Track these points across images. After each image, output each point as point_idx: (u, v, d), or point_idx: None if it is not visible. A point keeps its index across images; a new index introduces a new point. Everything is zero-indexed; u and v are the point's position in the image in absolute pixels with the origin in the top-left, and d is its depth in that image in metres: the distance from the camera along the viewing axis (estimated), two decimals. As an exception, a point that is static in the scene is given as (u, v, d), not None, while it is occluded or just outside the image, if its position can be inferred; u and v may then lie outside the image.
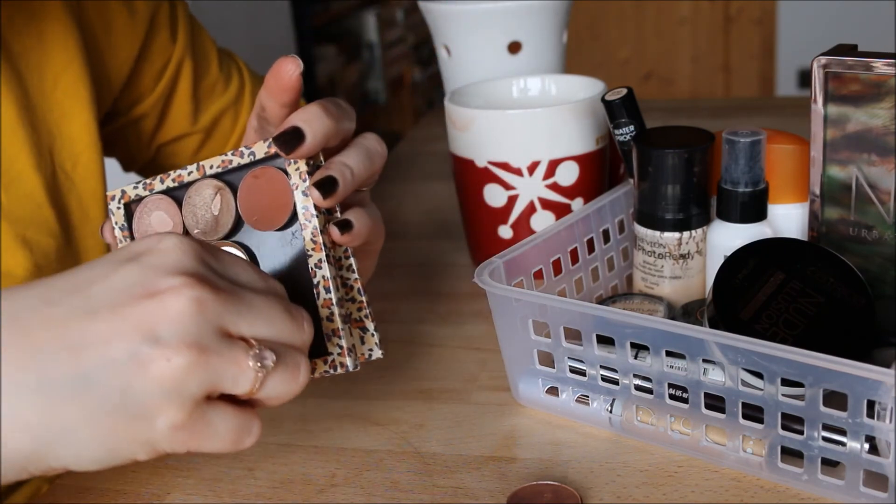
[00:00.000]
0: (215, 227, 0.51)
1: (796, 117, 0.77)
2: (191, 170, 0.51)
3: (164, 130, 0.78)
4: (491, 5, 0.83)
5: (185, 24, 0.77)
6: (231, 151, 0.50)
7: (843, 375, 0.44)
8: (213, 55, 0.80)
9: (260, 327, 0.41)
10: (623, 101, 0.64)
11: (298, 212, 0.49)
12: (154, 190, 0.52)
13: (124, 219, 0.53)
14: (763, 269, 0.54)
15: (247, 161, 0.50)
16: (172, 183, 0.52)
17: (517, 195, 0.73)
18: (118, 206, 0.53)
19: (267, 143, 0.49)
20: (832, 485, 0.48)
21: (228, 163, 0.50)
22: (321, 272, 0.48)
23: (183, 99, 0.77)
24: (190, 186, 0.52)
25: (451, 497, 0.51)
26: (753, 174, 0.58)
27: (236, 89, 0.81)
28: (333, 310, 0.48)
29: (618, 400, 0.55)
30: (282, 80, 0.52)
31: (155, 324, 0.38)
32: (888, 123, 0.54)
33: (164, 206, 0.52)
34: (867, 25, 2.97)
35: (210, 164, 0.51)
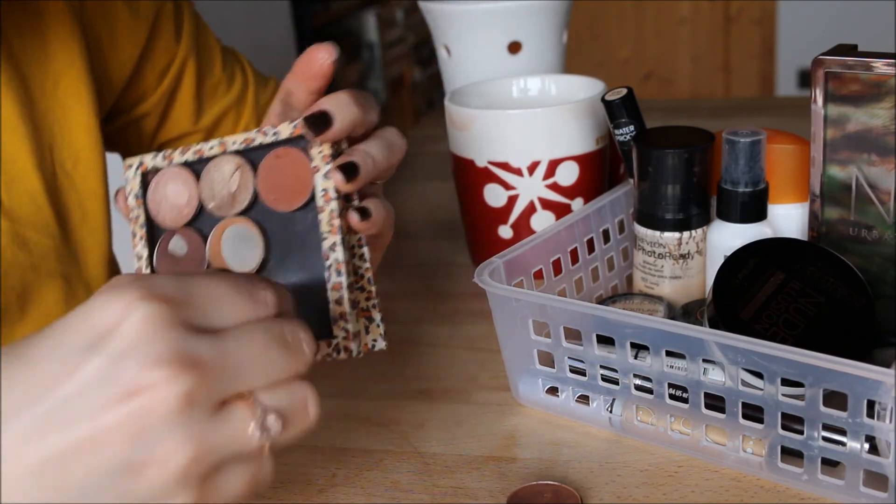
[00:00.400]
0: (231, 202, 0.52)
1: (796, 117, 0.77)
2: (213, 145, 0.52)
3: (165, 129, 0.78)
4: (491, 5, 0.83)
5: (189, 23, 0.77)
6: (255, 130, 0.51)
7: (843, 375, 0.44)
8: (217, 55, 0.80)
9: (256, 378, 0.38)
10: (623, 101, 0.64)
11: (317, 194, 0.49)
12: (173, 161, 0.53)
13: (139, 187, 0.53)
14: (763, 269, 0.54)
15: (270, 140, 0.50)
16: (193, 156, 0.52)
17: (517, 195, 0.73)
18: (134, 175, 0.53)
19: (292, 125, 0.50)
20: (832, 485, 0.48)
21: (251, 141, 0.51)
22: (335, 255, 0.48)
23: (186, 98, 0.77)
24: (210, 161, 0.52)
25: (451, 497, 0.51)
26: (753, 174, 0.58)
27: (239, 90, 0.81)
28: (343, 294, 0.48)
29: (618, 400, 0.55)
30: (313, 67, 0.52)
31: (142, 428, 0.34)
32: (888, 123, 0.54)
33: (181, 178, 0.53)
34: (867, 25, 2.97)
35: (233, 140, 0.51)
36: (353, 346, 0.48)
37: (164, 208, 0.53)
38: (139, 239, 0.53)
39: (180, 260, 0.52)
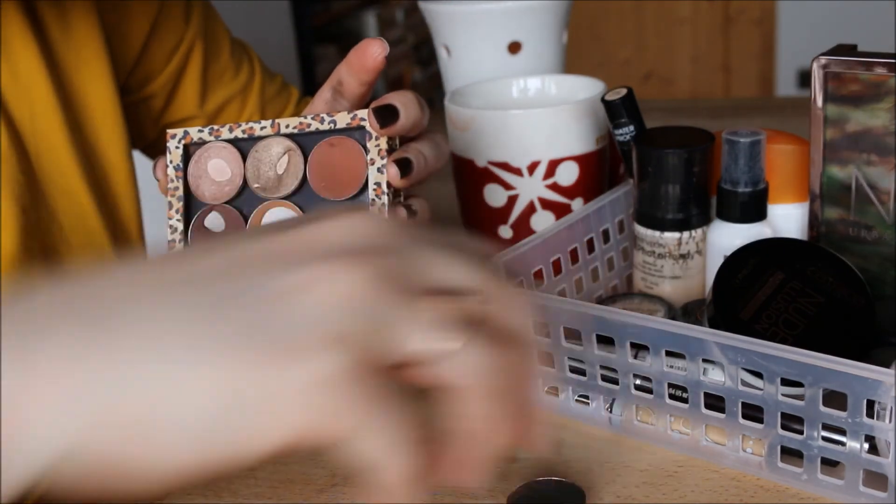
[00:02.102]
0: (277, 185, 0.51)
1: (796, 117, 0.77)
2: (264, 125, 0.52)
3: (170, 111, 0.79)
4: (491, 5, 0.83)
5: (199, 8, 0.78)
6: (311, 115, 0.51)
7: (842, 375, 0.44)
8: (226, 43, 0.81)
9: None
10: (623, 101, 0.64)
11: (369, 186, 0.49)
12: (220, 137, 0.52)
13: (181, 159, 0.53)
14: (763, 269, 0.54)
15: (326, 128, 0.51)
16: (242, 134, 0.52)
17: (517, 195, 0.73)
18: (177, 146, 0.53)
19: (350, 115, 0.50)
20: (832, 484, 0.48)
21: (306, 126, 0.51)
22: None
23: (192, 81, 0.78)
24: (259, 141, 0.52)
25: (451, 497, 0.51)
26: (753, 174, 0.58)
27: (245, 79, 0.82)
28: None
29: (618, 400, 0.55)
30: (366, 60, 0.52)
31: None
32: (888, 123, 0.54)
33: (225, 154, 0.52)
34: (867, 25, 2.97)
35: (286, 123, 0.51)
36: None
37: (204, 183, 0.53)
38: (175, 211, 0.52)
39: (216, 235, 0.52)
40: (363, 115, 0.51)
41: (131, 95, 0.76)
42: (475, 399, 0.32)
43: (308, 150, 0.51)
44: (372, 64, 0.52)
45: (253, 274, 0.31)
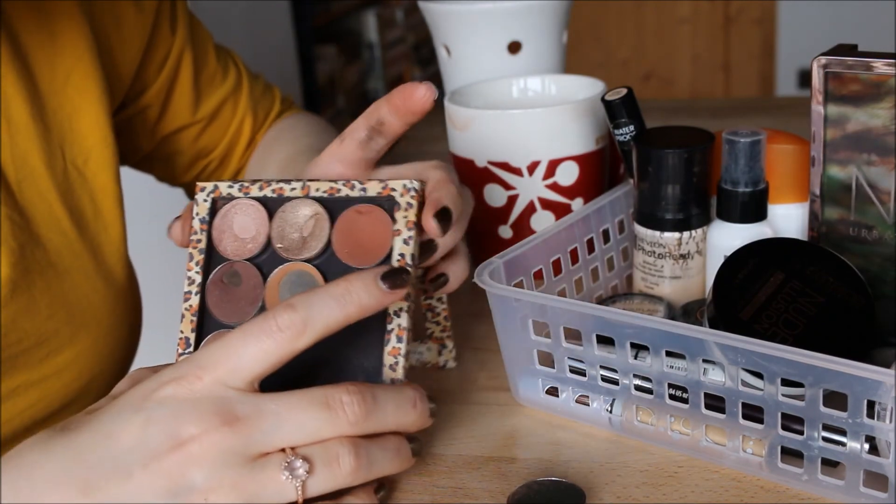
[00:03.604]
0: (301, 246, 0.51)
1: (796, 117, 0.77)
2: (294, 186, 0.52)
3: (166, 121, 0.79)
4: (491, 5, 0.83)
5: (184, 16, 0.78)
6: (342, 182, 0.51)
7: (842, 375, 0.44)
8: (211, 47, 0.81)
9: (293, 435, 0.43)
10: (623, 101, 0.64)
11: (393, 257, 0.49)
12: (249, 194, 0.53)
13: (207, 212, 0.53)
14: (763, 269, 0.54)
15: (356, 195, 0.51)
16: (271, 193, 0.52)
17: (517, 195, 0.73)
18: (205, 199, 0.53)
19: (381, 185, 0.50)
20: (832, 485, 0.48)
21: (336, 191, 0.51)
22: (398, 320, 0.48)
23: (184, 89, 0.78)
24: (287, 201, 0.52)
25: (451, 497, 0.51)
26: (753, 174, 0.58)
27: (234, 80, 0.82)
28: (399, 360, 0.48)
29: (618, 400, 0.55)
30: (414, 104, 0.52)
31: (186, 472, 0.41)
32: (888, 123, 0.54)
33: (251, 212, 0.52)
34: (867, 25, 2.97)
35: (316, 186, 0.52)
36: None
37: (227, 238, 0.53)
38: (195, 263, 0.52)
39: (233, 292, 0.52)
40: (394, 185, 0.51)
41: (127, 109, 0.76)
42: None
43: (336, 215, 0.51)
44: (420, 107, 0.52)
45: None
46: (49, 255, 0.63)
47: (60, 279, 0.64)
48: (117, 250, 0.69)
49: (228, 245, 0.53)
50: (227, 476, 0.41)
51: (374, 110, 0.54)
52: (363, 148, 0.55)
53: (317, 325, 0.43)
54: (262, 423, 0.42)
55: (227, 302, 0.52)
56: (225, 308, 0.52)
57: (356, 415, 0.43)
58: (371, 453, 0.44)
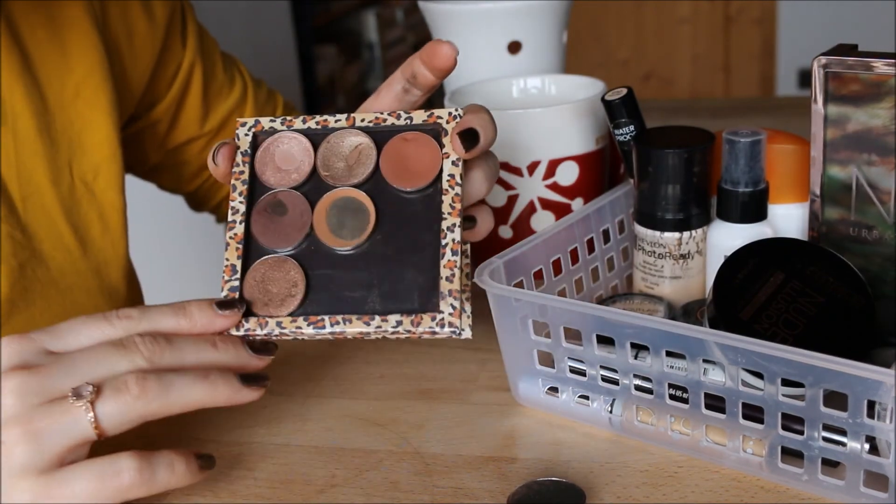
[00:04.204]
0: (348, 174, 0.52)
1: (796, 117, 0.77)
2: (339, 118, 0.53)
3: (174, 134, 0.78)
4: (491, 5, 0.83)
5: (194, 29, 0.77)
6: (387, 112, 0.53)
7: (843, 375, 0.44)
8: (218, 58, 0.81)
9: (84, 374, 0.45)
10: (623, 101, 0.64)
11: (444, 178, 0.51)
12: (292, 127, 0.54)
13: (249, 145, 0.54)
14: (763, 269, 0.54)
15: (402, 124, 0.52)
16: (315, 125, 0.54)
17: (517, 195, 0.73)
18: (246, 133, 0.54)
19: (427, 113, 0.52)
20: (832, 485, 0.48)
21: (382, 121, 0.53)
22: (452, 235, 0.50)
23: (194, 103, 0.78)
24: (332, 132, 0.53)
25: (451, 497, 0.51)
26: (753, 174, 0.58)
27: (240, 90, 0.81)
28: (455, 272, 0.49)
29: (618, 400, 0.55)
30: (441, 59, 0.53)
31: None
32: (888, 123, 0.54)
33: (294, 143, 0.53)
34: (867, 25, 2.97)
35: (362, 117, 0.53)
36: (457, 322, 0.49)
37: (270, 169, 0.53)
38: (238, 194, 0.53)
39: (278, 220, 0.53)
40: (440, 113, 0.52)
41: (137, 122, 0.75)
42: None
43: (382, 144, 0.53)
44: (443, 64, 0.53)
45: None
46: (51, 273, 0.63)
47: (62, 297, 0.64)
48: (122, 266, 0.69)
49: (272, 176, 0.53)
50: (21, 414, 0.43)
51: (409, 64, 0.55)
52: (400, 100, 0.56)
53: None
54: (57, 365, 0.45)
55: (273, 230, 0.52)
56: (271, 235, 0.52)
57: (150, 350, 0.46)
58: (164, 378, 0.45)
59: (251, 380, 0.48)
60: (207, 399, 0.47)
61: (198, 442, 0.58)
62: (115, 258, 0.68)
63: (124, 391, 0.44)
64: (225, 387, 0.47)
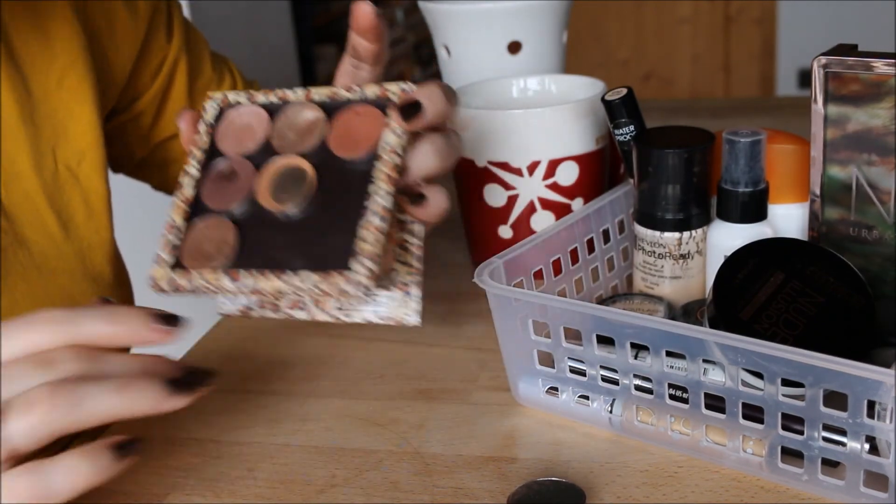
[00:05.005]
0: (297, 144, 0.54)
1: (796, 117, 0.77)
2: (298, 92, 0.55)
3: (160, 127, 0.79)
4: (491, 5, 0.83)
5: (180, 24, 0.79)
6: (343, 87, 0.54)
7: (843, 375, 0.44)
8: (207, 55, 0.82)
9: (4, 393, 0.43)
10: (623, 101, 0.64)
11: (383, 146, 0.51)
12: (255, 101, 0.56)
13: (213, 117, 0.56)
14: (763, 269, 0.54)
15: (355, 98, 0.54)
16: (275, 98, 0.55)
17: (517, 195, 0.73)
18: (213, 105, 0.57)
19: (379, 88, 0.53)
20: (832, 485, 0.48)
21: (335, 95, 0.54)
22: (380, 200, 0.50)
23: (179, 96, 0.79)
24: (290, 106, 0.55)
25: (451, 497, 0.51)
26: (753, 174, 0.58)
27: (229, 86, 0.83)
28: (376, 235, 0.49)
29: (618, 400, 0.55)
30: (363, 22, 0.54)
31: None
32: (888, 123, 0.54)
33: (254, 114, 0.55)
34: (867, 25, 2.97)
35: (318, 91, 0.55)
36: (369, 284, 0.48)
37: (229, 139, 0.55)
38: (194, 159, 0.55)
39: (226, 185, 0.54)
40: (391, 87, 0.53)
41: (122, 114, 0.76)
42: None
43: (334, 118, 0.54)
44: (364, 21, 0.53)
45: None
46: (33, 257, 0.64)
47: (45, 280, 0.64)
48: (107, 251, 0.69)
49: (229, 145, 0.55)
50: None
51: (350, 41, 0.56)
52: (353, 77, 0.57)
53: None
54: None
55: (220, 194, 0.54)
56: (217, 199, 0.54)
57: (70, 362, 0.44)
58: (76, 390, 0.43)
59: (183, 384, 0.45)
60: (126, 410, 0.44)
61: (197, 442, 0.58)
62: (100, 243, 0.69)
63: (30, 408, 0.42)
64: (148, 396, 0.44)
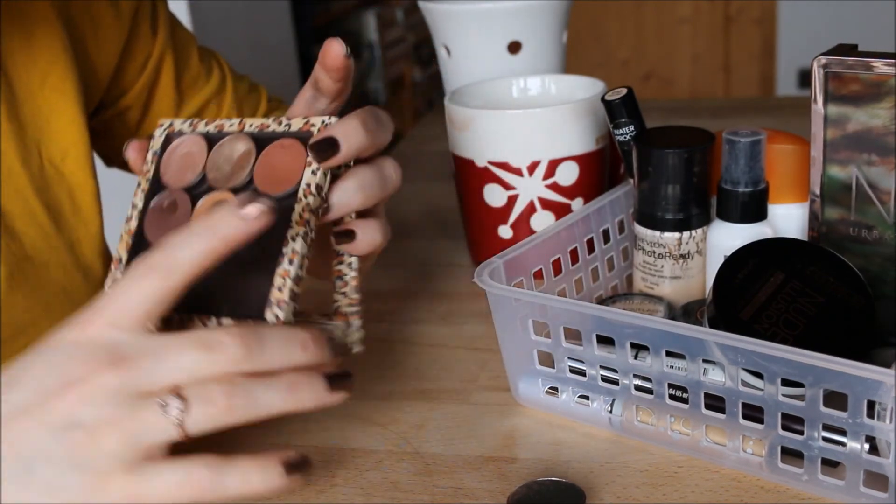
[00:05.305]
0: (229, 178, 0.54)
1: (796, 117, 0.77)
2: (232, 123, 0.55)
3: (148, 122, 0.80)
4: (491, 5, 0.83)
5: (164, 19, 0.80)
6: (273, 118, 0.54)
7: (843, 375, 0.44)
8: (193, 49, 0.83)
9: (172, 374, 0.44)
10: (623, 101, 0.64)
11: (301, 187, 0.51)
12: (196, 130, 0.56)
13: (160, 146, 0.57)
14: (763, 269, 0.54)
15: (282, 130, 0.54)
16: (214, 129, 0.56)
17: (517, 195, 0.73)
18: (160, 134, 0.57)
19: (303, 121, 0.53)
20: (832, 485, 0.48)
21: (266, 127, 0.54)
22: (294, 245, 0.50)
23: (166, 91, 0.80)
24: (225, 136, 0.55)
25: (451, 497, 0.51)
26: (753, 174, 0.58)
27: (218, 81, 0.83)
28: (287, 282, 0.49)
29: (618, 400, 0.55)
30: (332, 60, 0.54)
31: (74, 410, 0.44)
32: (888, 123, 0.54)
33: (195, 146, 0.56)
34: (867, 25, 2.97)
35: (251, 122, 0.55)
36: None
37: (171, 169, 0.56)
38: (140, 191, 0.56)
39: (167, 218, 0.55)
40: (314, 121, 0.53)
41: (108, 110, 0.78)
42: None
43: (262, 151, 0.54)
44: (335, 62, 0.53)
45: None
46: (25, 249, 0.65)
47: (37, 272, 0.65)
48: (96, 245, 0.71)
49: (171, 176, 0.56)
50: (110, 414, 0.43)
51: (314, 71, 0.56)
52: (310, 107, 0.57)
53: (184, 262, 0.45)
54: (144, 363, 0.44)
55: (161, 227, 0.55)
56: (157, 232, 0.55)
57: (237, 355, 0.45)
58: (251, 390, 0.45)
59: (337, 382, 0.47)
60: (292, 408, 0.46)
61: (196, 443, 0.58)
62: (88, 237, 0.70)
63: (210, 406, 0.44)
64: (311, 394, 0.46)
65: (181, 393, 0.44)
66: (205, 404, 0.44)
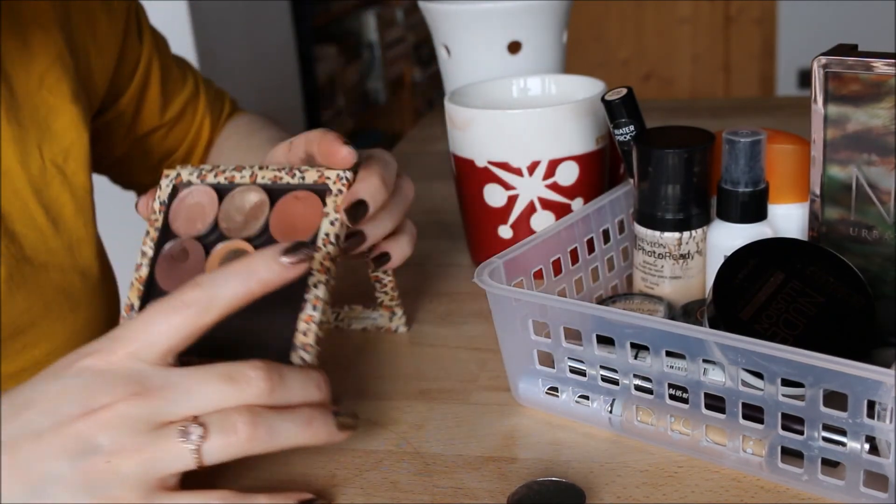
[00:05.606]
0: (242, 227, 0.56)
1: (796, 117, 0.77)
2: (244, 174, 0.57)
3: (138, 124, 0.82)
4: (491, 5, 0.83)
5: (146, 25, 0.82)
6: (286, 170, 0.57)
7: (843, 375, 0.44)
8: (170, 55, 0.85)
9: (197, 405, 0.45)
10: (623, 101, 0.64)
11: (320, 236, 0.54)
12: (205, 181, 0.58)
13: (167, 196, 0.58)
14: (763, 269, 0.54)
15: (296, 182, 0.56)
16: (224, 181, 0.58)
17: (517, 195, 0.73)
18: (168, 184, 0.59)
19: (318, 173, 0.56)
20: (832, 485, 0.48)
21: (279, 179, 0.57)
22: (316, 291, 0.52)
23: (154, 95, 0.81)
24: (236, 187, 0.57)
25: (451, 497, 0.51)
26: (753, 174, 0.58)
27: (193, 84, 0.86)
28: (311, 327, 0.51)
29: (618, 400, 0.55)
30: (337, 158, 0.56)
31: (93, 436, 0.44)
32: (888, 123, 0.54)
33: (205, 196, 0.58)
34: (867, 25, 2.97)
35: (263, 175, 0.57)
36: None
37: (181, 218, 0.58)
38: (150, 239, 0.57)
39: (179, 266, 0.57)
40: (329, 174, 0.56)
41: (105, 114, 0.79)
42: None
43: (277, 200, 0.56)
44: (341, 164, 0.56)
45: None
46: (24, 251, 0.65)
47: (36, 273, 0.66)
48: (93, 245, 0.71)
49: (181, 225, 0.58)
50: (131, 441, 0.44)
51: (310, 143, 0.57)
52: (286, 156, 0.60)
53: (220, 301, 0.46)
54: (168, 393, 0.45)
55: (173, 275, 0.56)
56: (169, 280, 0.56)
57: (260, 389, 0.46)
58: (272, 422, 0.46)
59: (345, 423, 0.49)
60: (306, 442, 0.48)
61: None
62: (87, 238, 0.71)
63: (231, 435, 0.45)
64: (325, 429, 0.48)
65: (202, 421, 0.45)
66: (226, 433, 0.45)
